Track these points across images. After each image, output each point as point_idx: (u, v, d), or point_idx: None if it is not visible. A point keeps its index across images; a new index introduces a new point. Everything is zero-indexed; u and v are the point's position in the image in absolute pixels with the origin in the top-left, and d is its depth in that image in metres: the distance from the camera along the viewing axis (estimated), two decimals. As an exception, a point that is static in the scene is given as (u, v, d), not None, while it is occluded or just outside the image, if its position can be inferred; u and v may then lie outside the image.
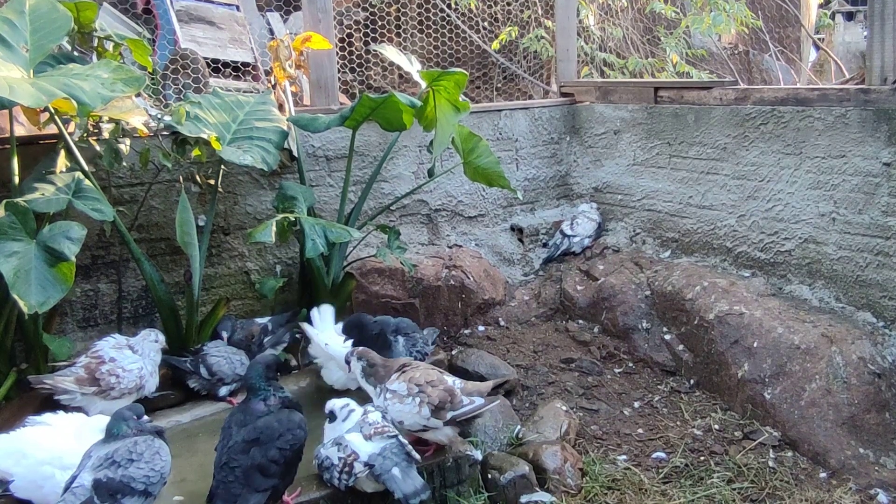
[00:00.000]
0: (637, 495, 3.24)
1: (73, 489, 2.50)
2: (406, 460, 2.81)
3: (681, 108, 4.95)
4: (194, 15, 5.65)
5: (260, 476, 2.68)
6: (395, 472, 2.74)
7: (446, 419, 2.97)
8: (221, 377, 3.71)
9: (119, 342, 3.56)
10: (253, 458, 2.69)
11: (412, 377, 3.06)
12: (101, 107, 3.31)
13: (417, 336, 3.80)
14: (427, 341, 3.84)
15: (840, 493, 3.21)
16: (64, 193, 3.39)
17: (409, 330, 3.78)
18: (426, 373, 3.09)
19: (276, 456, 2.71)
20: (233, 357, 3.77)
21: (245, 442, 2.73)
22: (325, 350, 3.82)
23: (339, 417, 2.95)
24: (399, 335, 3.74)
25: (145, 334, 3.64)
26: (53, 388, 3.30)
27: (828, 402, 3.53)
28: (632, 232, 5.36)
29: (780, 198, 4.38)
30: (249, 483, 2.67)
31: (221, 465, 2.72)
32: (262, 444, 2.73)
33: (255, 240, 3.65)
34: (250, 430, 2.77)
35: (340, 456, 2.79)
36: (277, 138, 4.08)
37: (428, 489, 2.81)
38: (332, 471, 2.80)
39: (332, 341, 3.82)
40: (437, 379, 3.06)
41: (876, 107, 3.91)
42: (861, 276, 4.02)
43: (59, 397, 3.33)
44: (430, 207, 5.19)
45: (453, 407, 2.97)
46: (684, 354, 4.28)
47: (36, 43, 3.35)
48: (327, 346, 3.81)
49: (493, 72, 7.14)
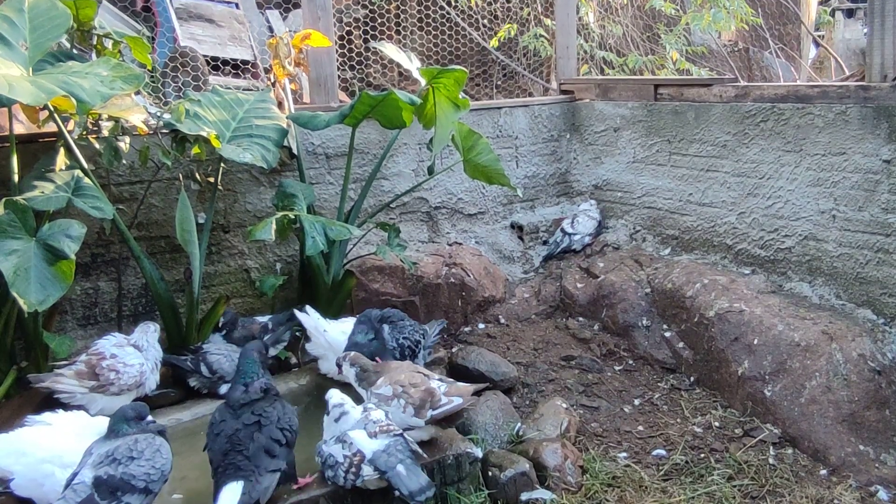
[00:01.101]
0: (637, 493, 3.24)
1: (74, 486, 2.50)
2: (411, 457, 2.81)
3: (681, 105, 4.94)
4: (194, 13, 5.65)
5: (267, 457, 2.73)
6: (401, 469, 2.73)
7: (427, 418, 3.07)
8: (222, 375, 3.71)
9: (119, 341, 3.57)
10: (257, 441, 2.74)
11: (397, 380, 3.16)
12: (101, 105, 3.30)
13: (405, 324, 3.78)
14: (416, 331, 3.81)
15: (840, 490, 3.22)
16: (63, 191, 3.39)
17: (394, 318, 3.78)
18: (410, 375, 3.19)
19: (279, 436, 2.78)
20: (233, 355, 3.77)
21: (246, 426, 2.77)
22: (322, 337, 3.82)
23: (332, 416, 2.94)
24: (384, 324, 3.74)
25: (143, 328, 3.64)
26: (52, 387, 3.30)
27: (828, 399, 3.53)
28: (632, 229, 5.36)
29: (780, 195, 4.38)
30: (258, 464, 2.70)
31: (225, 451, 2.73)
32: (262, 428, 2.77)
33: (255, 237, 3.65)
34: (248, 416, 2.81)
35: (346, 454, 2.77)
36: (277, 136, 4.08)
37: (433, 487, 2.80)
38: (336, 469, 2.78)
39: (329, 328, 3.84)
40: (420, 381, 3.17)
41: (876, 104, 3.90)
42: (861, 273, 4.01)
43: (59, 396, 3.33)
44: (430, 205, 5.19)
45: (433, 406, 3.08)
46: (684, 352, 4.28)
47: (35, 41, 3.35)
48: (325, 332, 3.82)
49: (493, 69, 7.13)
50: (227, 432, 2.78)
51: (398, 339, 3.60)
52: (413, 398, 3.08)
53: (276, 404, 2.92)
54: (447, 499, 3.07)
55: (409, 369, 3.26)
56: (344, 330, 3.80)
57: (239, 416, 2.84)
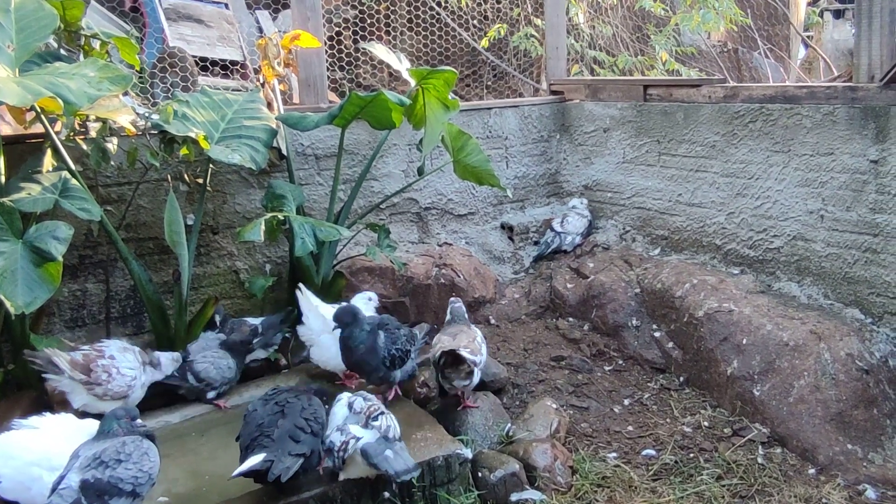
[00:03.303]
0: (627, 492, 3.25)
1: (60, 490, 2.49)
2: (399, 440, 2.97)
3: (670, 105, 4.96)
4: (183, 13, 5.63)
5: (292, 442, 2.84)
6: (389, 454, 2.88)
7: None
8: (210, 382, 3.71)
9: (126, 347, 3.56)
10: (282, 427, 2.87)
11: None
12: (88, 106, 3.29)
13: (400, 333, 3.72)
14: (409, 340, 3.78)
15: (828, 489, 3.23)
16: (51, 193, 3.37)
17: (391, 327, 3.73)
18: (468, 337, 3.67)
19: (302, 424, 2.90)
20: (220, 362, 3.76)
21: (271, 415, 2.92)
22: (316, 312, 3.84)
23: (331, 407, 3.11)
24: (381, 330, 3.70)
25: (162, 355, 3.68)
26: (45, 364, 3.30)
27: (816, 398, 3.54)
28: (622, 230, 5.37)
29: (768, 195, 4.39)
30: (282, 448, 2.80)
31: (255, 436, 2.86)
32: (286, 416, 2.91)
33: (245, 239, 3.64)
34: (272, 406, 2.98)
35: (343, 439, 2.91)
36: (266, 137, 4.07)
37: (418, 469, 2.94)
38: (334, 452, 2.92)
39: (323, 305, 3.88)
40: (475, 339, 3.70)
41: (864, 104, 3.92)
42: (849, 272, 4.03)
43: (47, 375, 3.32)
44: (420, 206, 5.19)
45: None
46: (674, 352, 4.29)
47: (22, 41, 3.32)
48: (318, 306, 3.86)
49: (483, 70, 7.13)
50: (256, 421, 2.94)
51: (390, 350, 3.58)
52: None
53: (301, 397, 3.06)
54: (437, 500, 3.07)
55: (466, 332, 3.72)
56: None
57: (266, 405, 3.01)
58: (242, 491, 2.89)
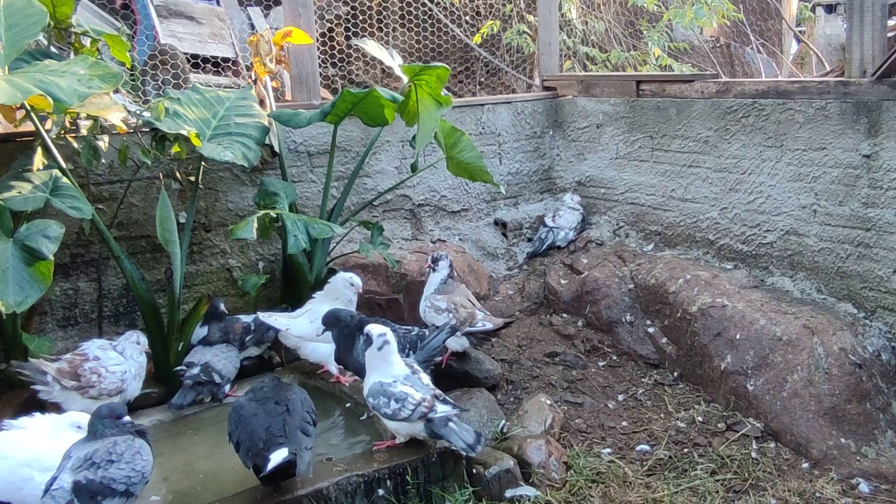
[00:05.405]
0: (621, 488, 3.25)
1: (53, 492, 2.47)
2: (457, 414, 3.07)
3: (663, 101, 4.96)
4: (174, 10, 5.59)
5: (304, 436, 2.85)
6: (453, 426, 3.03)
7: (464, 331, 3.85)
8: (228, 378, 3.77)
9: (103, 344, 3.54)
10: (290, 424, 2.85)
11: (453, 300, 3.96)
12: (79, 103, 3.25)
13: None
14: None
15: (822, 482, 3.24)
16: (41, 191, 3.35)
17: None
18: (463, 300, 4.00)
19: (308, 418, 2.93)
20: (230, 355, 3.83)
21: (276, 416, 2.88)
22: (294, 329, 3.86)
23: (375, 345, 3.13)
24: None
25: (128, 335, 3.61)
26: (33, 375, 3.27)
27: (809, 392, 3.55)
28: (615, 225, 5.37)
29: (761, 190, 4.40)
30: (298, 443, 2.79)
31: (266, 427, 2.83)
32: (291, 412, 2.89)
33: (237, 236, 3.62)
34: (275, 402, 2.93)
35: (423, 396, 3.01)
36: (258, 134, 4.05)
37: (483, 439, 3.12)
38: (405, 402, 3.00)
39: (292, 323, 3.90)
40: (469, 306, 3.98)
41: (856, 99, 3.93)
42: (842, 267, 4.04)
43: (37, 388, 3.30)
44: (413, 202, 5.18)
45: (471, 325, 3.89)
46: (668, 347, 4.29)
47: (11, 39, 3.29)
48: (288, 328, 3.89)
49: (476, 66, 7.12)
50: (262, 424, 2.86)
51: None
52: (459, 315, 3.87)
53: (293, 390, 3.05)
54: (431, 497, 3.06)
55: (464, 294, 4.06)
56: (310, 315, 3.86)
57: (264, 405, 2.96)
58: (237, 489, 2.88)
